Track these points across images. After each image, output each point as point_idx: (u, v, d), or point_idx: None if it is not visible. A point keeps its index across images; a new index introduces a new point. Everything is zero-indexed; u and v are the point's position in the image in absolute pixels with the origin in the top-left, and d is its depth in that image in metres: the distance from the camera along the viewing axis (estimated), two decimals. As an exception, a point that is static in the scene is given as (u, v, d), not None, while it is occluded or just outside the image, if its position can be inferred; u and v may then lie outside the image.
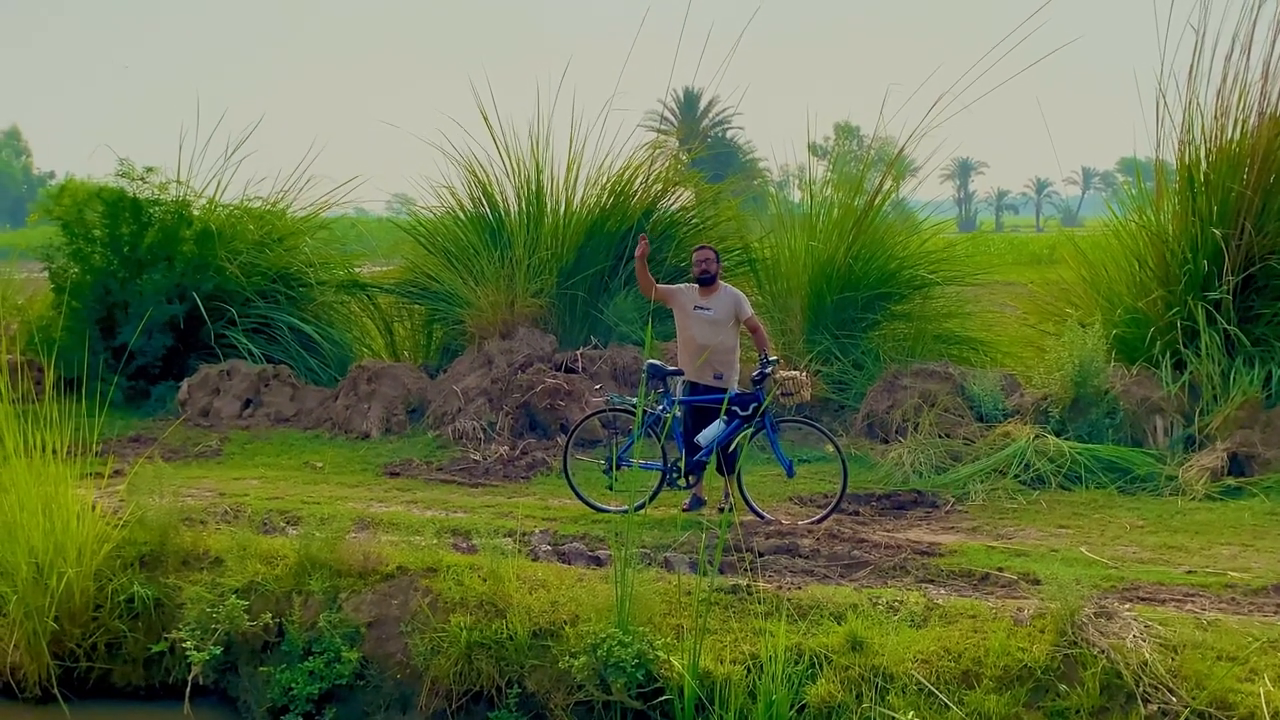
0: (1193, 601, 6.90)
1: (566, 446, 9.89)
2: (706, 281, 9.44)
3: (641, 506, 9.10)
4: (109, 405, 9.59)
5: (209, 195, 16.23)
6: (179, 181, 15.77)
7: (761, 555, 7.98)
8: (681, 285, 9.71)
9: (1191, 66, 12.08)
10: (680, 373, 9.41)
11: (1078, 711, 5.75)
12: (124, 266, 15.01)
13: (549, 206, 15.34)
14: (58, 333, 13.87)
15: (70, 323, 14.46)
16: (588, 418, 10.36)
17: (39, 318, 15.62)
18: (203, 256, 15.12)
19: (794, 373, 9.44)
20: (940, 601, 6.80)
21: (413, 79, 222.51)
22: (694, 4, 15.73)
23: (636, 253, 9.55)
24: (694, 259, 9.61)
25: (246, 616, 7.44)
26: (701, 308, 9.40)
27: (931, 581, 7.46)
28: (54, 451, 7.87)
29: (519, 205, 15.43)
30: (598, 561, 8.03)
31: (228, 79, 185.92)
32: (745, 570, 7.47)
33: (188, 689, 7.38)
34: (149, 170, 15.36)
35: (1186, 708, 5.56)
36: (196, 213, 15.82)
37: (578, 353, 13.52)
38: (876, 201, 14.22)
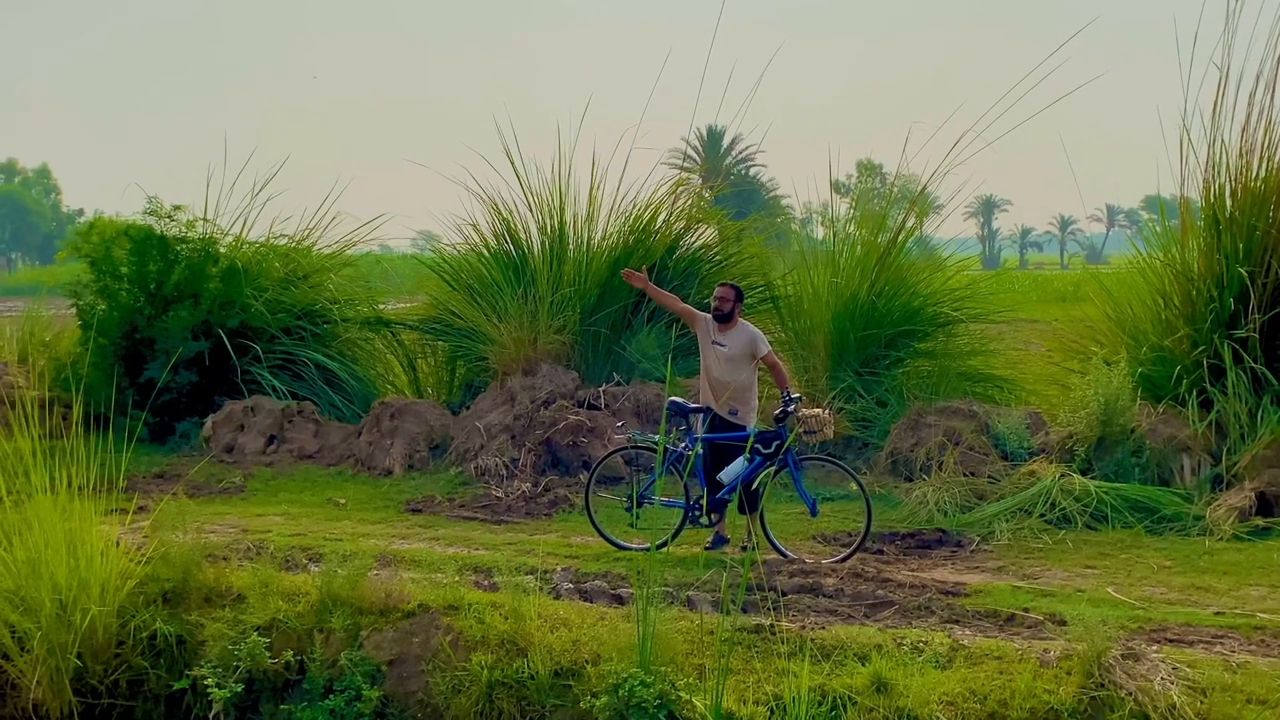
0: (1221, 643, 6.81)
1: (589, 484, 9.88)
2: (721, 318, 9.45)
3: (664, 544, 9.08)
4: (134, 441, 9.64)
5: (235, 233, 16.40)
6: (206, 219, 15.95)
7: (785, 594, 7.93)
8: (707, 315, 9.70)
9: (1215, 104, 12.06)
10: (701, 409, 9.40)
11: (1106, 755, 5.67)
12: (150, 303, 15.13)
13: (571, 243, 15.40)
14: (84, 369, 13.97)
15: (97, 359, 14.56)
16: (610, 455, 10.35)
17: (66, 354, 15.74)
18: (229, 294, 15.22)
19: (817, 410, 9.42)
20: (965, 642, 6.74)
21: (437, 116, 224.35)
22: (716, 43, 15.85)
23: (640, 281, 9.70)
24: (714, 294, 9.63)
25: (268, 654, 7.43)
26: (718, 343, 9.41)
27: (957, 622, 7.39)
28: (79, 488, 7.91)
29: (542, 242, 15.50)
30: (620, 600, 7.99)
31: (255, 118, 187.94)
32: (768, 610, 7.42)
33: (209, 726, 7.37)
34: (176, 208, 15.52)
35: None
36: (223, 250, 15.96)
37: (600, 389, 13.52)
38: (899, 239, 14.23)
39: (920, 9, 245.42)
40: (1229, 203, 11.89)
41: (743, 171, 67.49)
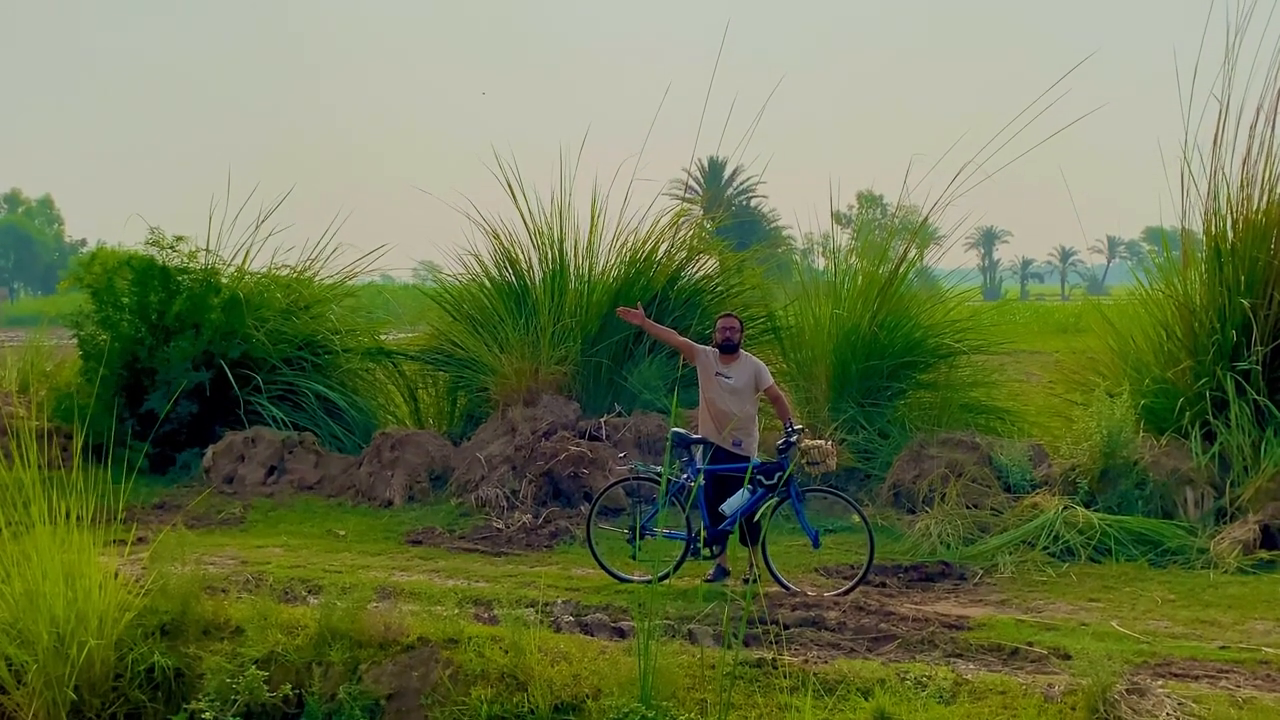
0: (1227, 678, 6.77)
1: (590, 515, 9.84)
2: (728, 349, 9.44)
3: (665, 577, 9.03)
4: (134, 472, 9.61)
5: (237, 263, 16.42)
6: (208, 250, 15.97)
7: (787, 628, 7.89)
8: (707, 347, 9.70)
9: (1216, 136, 12.09)
10: (703, 441, 9.38)
11: (1111, 792, 5.62)
12: (152, 334, 15.14)
13: (573, 274, 15.42)
14: (85, 399, 13.95)
15: (98, 390, 14.55)
16: (611, 486, 10.32)
17: (67, 384, 15.74)
18: (230, 324, 15.23)
19: (819, 441, 9.39)
20: (969, 677, 6.69)
21: (439, 145, 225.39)
22: (718, 73, 15.92)
23: (637, 318, 9.75)
24: (717, 326, 9.63)
25: (266, 687, 7.37)
26: (722, 375, 9.40)
27: (960, 656, 7.35)
28: (78, 519, 7.87)
29: (543, 272, 15.51)
30: (621, 633, 7.94)
31: (258, 148, 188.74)
32: (770, 643, 7.37)
33: (206, 761, 7.30)
34: (178, 239, 15.55)
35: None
36: (225, 281, 15.98)
37: (601, 420, 13.49)
38: (901, 270, 14.22)
39: (921, 41, 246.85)
40: (1230, 234, 11.90)
41: (744, 202, 67.62)
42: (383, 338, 17.38)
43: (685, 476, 9.29)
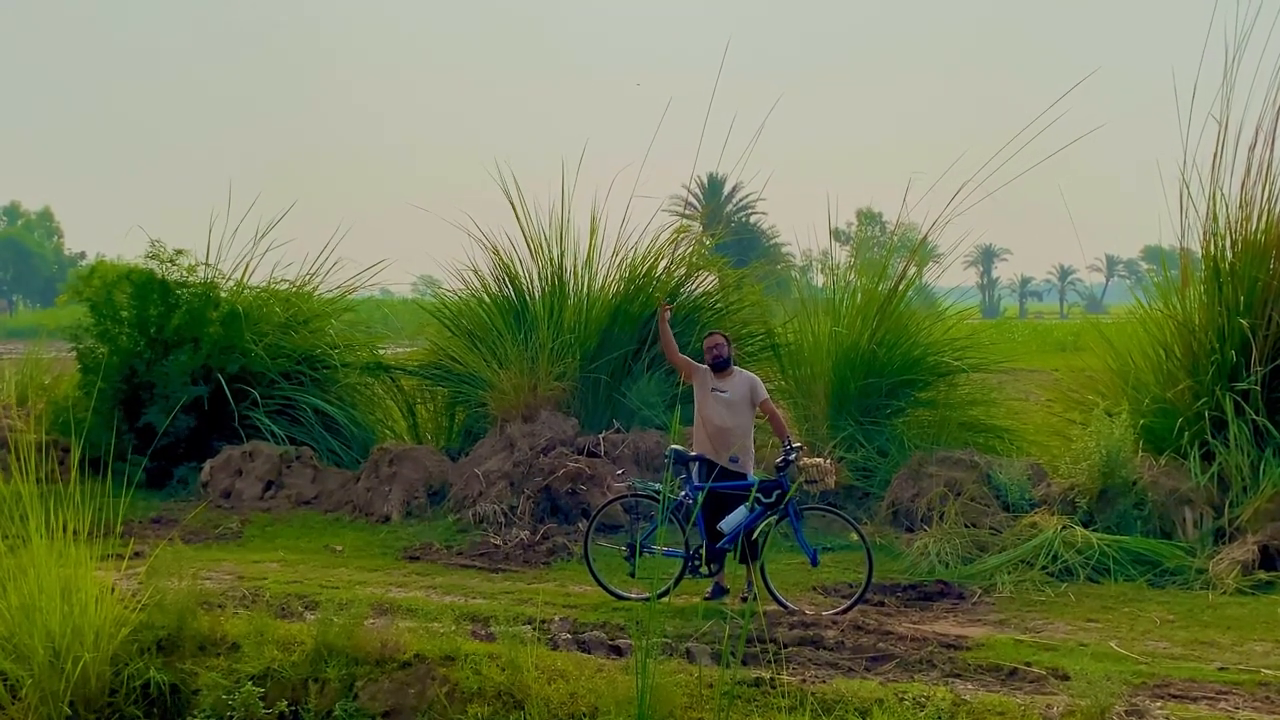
0: (1226, 700, 6.74)
1: (588, 532, 9.82)
2: (720, 365, 9.45)
3: (663, 594, 9.01)
4: (132, 486, 9.58)
5: (237, 277, 16.44)
6: (208, 264, 15.99)
7: (785, 647, 7.86)
8: (703, 365, 9.70)
9: (1215, 156, 12.13)
10: (700, 458, 9.36)
11: (1110, 815, 5.59)
12: (150, 348, 15.13)
13: (572, 289, 15.42)
14: (83, 413, 13.94)
15: (96, 403, 14.53)
16: (610, 503, 10.30)
17: (65, 397, 15.72)
18: (229, 338, 15.23)
19: (818, 459, 9.40)
20: (968, 697, 6.66)
21: (439, 161, 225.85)
22: (718, 90, 15.96)
23: (663, 316, 9.80)
24: (705, 345, 9.64)
25: (262, 704, 7.34)
26: (718, 390, 9.41)
27: (958, 676, 7.32)
28: (75, 533, 7.84)
29: (542, 288, 15.52)
30: (618, 651, 7.91)
31: (258, 162, 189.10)
32: (768, 662, 7.35)
33: (201, 777, 7.27)
34: (178, 253, 15.58)
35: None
36: (224, 295, 15.99)
37: (600, 436, 13.48)
38: (900, 287, 14.23)
39: (920, 59, 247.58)
40: (1229, 254, 11.92)
41: (743, 219, 67.67)
42: (381, 352, 17.38)
43: (684, 494, 9.28)
